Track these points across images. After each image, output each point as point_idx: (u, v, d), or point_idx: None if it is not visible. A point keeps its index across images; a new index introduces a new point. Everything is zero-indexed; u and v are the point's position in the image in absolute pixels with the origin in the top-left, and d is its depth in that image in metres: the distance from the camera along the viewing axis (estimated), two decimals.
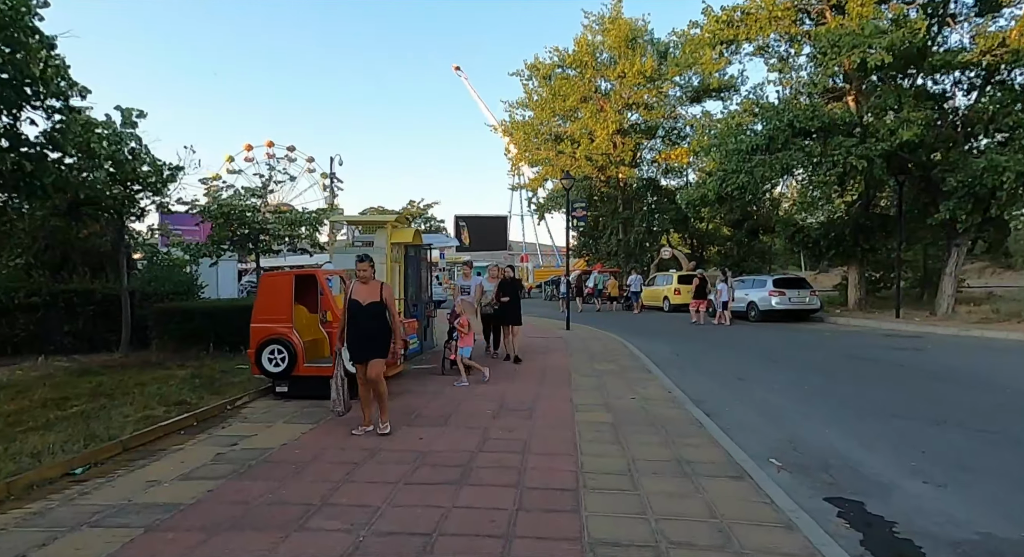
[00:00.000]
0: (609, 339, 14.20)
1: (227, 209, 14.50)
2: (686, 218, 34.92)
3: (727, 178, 16.51)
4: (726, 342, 14.14)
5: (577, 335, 15.06)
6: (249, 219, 14.86)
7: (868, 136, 14.51)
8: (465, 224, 45.13)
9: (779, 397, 7.85)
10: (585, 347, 12.61)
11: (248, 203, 15.31)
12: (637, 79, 29.93)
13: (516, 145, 37.51)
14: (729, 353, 12.19)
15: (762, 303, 18.56)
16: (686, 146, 31.67)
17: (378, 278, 9.44)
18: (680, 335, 15.89)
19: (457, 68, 59.65)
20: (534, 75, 33.72)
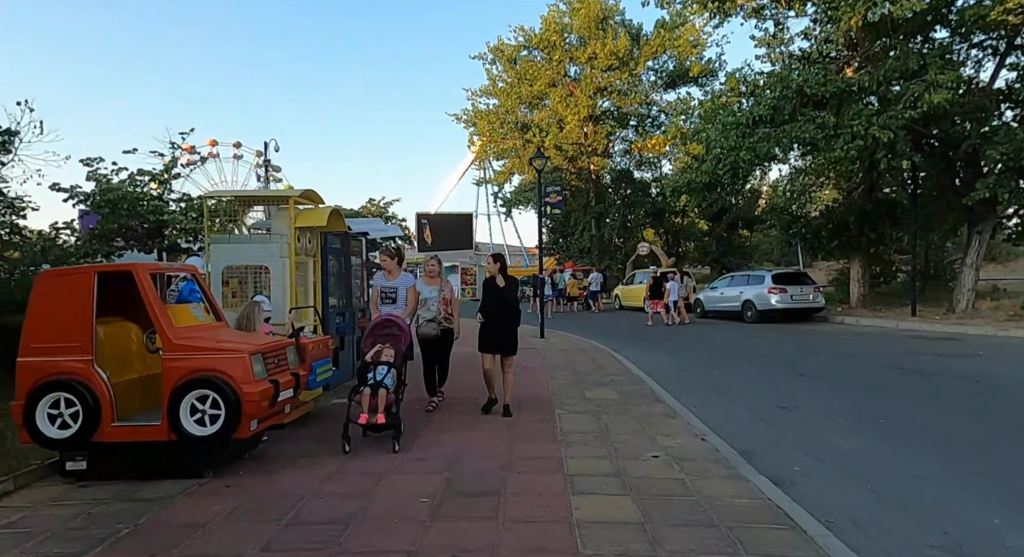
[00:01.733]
0: (595, 350, 11.65)
1: (114, 196, 11.43)
2: (662, 212, 32.90)
3: (725, 157, 14.19)
4: (731, 349, 11.75)
5: (555, 345, 12.46)
6: (144, 209, 11.80)
7: (889, 104, 12.38)
8: (427, 222, 42.14)
9: (856, 439, 5.38)
10: (569, 362, 10.01)
11: (143, 190, 12.24)
12: (609, 61, 27.62)
13: (480, 135, 34.85)
14: (744, 365, 9.76)
15: (760, 302, 16.33)
16: (661, 135, 29.55)
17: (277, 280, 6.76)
18: (671, 341, 13.47)
19: None
20: (498, 58, 31.12)
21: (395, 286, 6.12)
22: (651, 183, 33.65)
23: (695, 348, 12.20)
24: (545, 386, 7.83)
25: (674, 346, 12.57)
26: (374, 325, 5.54)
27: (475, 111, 34.28)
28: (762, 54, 19.65)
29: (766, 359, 10.38)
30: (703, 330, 15.68)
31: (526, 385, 7.85)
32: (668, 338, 14.14)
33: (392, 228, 9.01)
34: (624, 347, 12.12)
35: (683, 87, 30.55)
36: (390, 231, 9.16)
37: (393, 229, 8.95)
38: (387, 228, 9.16)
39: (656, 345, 12.75)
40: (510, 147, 31.55)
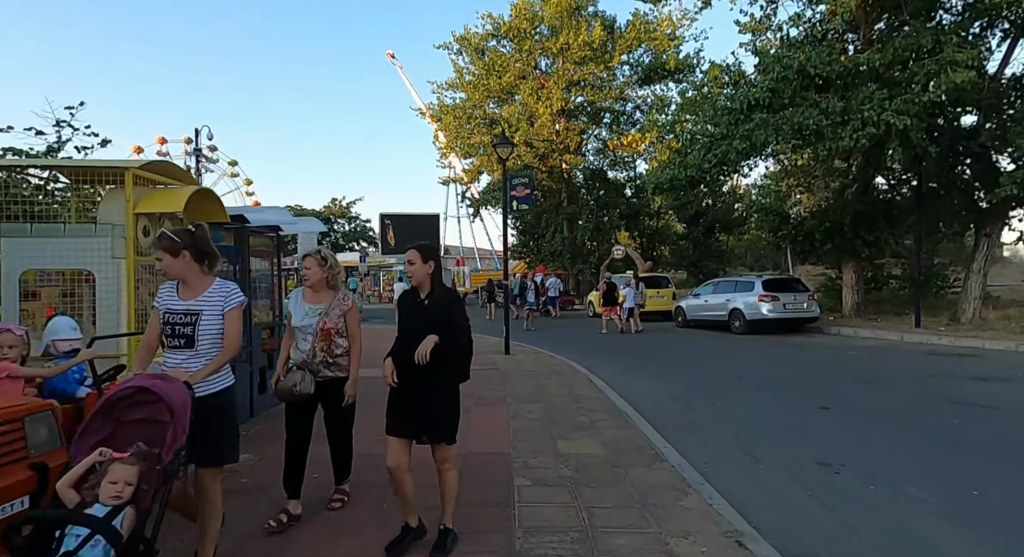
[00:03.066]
0: (568, 370, 9.75)
1: None
2: (637, 214, 31.43)
3: (714, 146, 12.52)
4: (725, 367, 10.01)
5: (520, 363, 10.54)
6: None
7: (899, 88, 10.88)
8: (391, 222, 39.82)
9: (960, 531, 3.60)
10: (537, 390, 8.08)
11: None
12: (583, 52, 25.97)
13: (446, 132, 32.83)
14: (749, 393, 8.01)
15: (750, 311, 14.73)
16: (638, 131, 28.02)
17: (106, 292, 4.56)
18: (653, 357, 11.71)
19: (392, 55, 53.35)
20: (464, 49, 29.21)
21: (195, 309, 2.83)
22: (626, 184, 32.17)
23: (683, 366, 10.43)
24: (503, 432, 5.89)
25: (658, 363, 10.79)
26: (105, 403, 2.47)
27: (441, 105, 32.31)
28: (747, 42, 18.25)
29: (773, 383, 8.65)
30: (687, 342, 13.99)
31: (479, 431, 5.89)
32: (648, 352, 12.37)
33: (311, 222, 6.93)
34: (601, 365, 10.28)
35: (659, 82, 29.20)
36: (309, 226, 7.12)
37: (312, 223, 6.87)
38: (305, 221, 7.12)
39: (637, 362, 10.95)
40: (477, 143, 29.60)
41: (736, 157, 12.61)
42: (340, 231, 57.17)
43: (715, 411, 6.91)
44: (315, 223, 7.32)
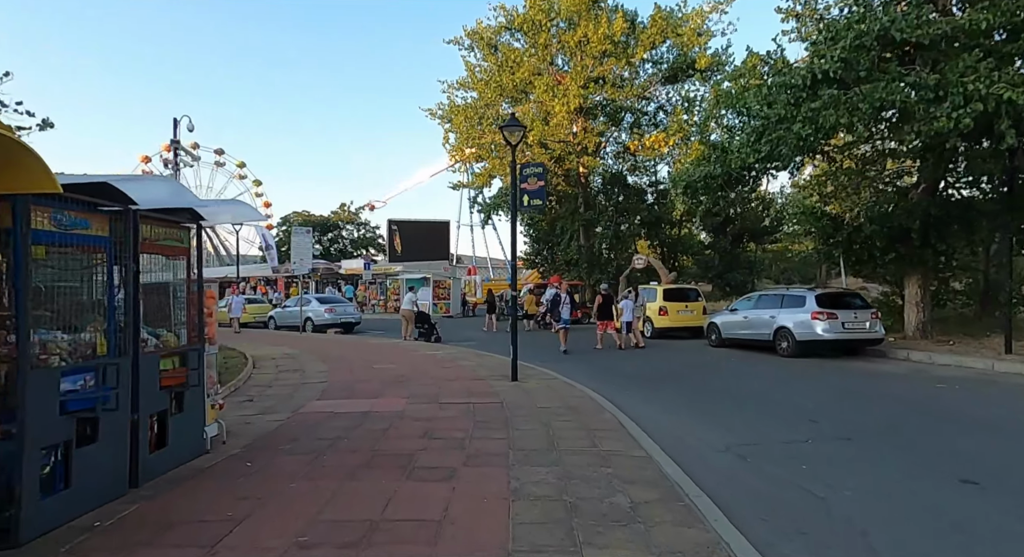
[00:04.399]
0: (588, 406, 7.66)
1: None
2: (658, 221, 29.33)
3: (769, 131, 10.46)
4: (787, 404, 7.85)
5: (530, 395, 8.47)
6: None
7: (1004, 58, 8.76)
8: (398, 228, 38.13)
9: None
10: (549, 441, 6.00)
11: None
12: (603, 45, 24.03)
13: (457, 133, 31.05)
14: (838, 448, 5.88)
15: (800, 330, 12.55)
16: (660, 132, 25.99)
17: None
18: (689, 386, 9.58)
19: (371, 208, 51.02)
20: (476, 44, 27.44)
21: None
22: (647, 189, 30.11)
23: (734, 401, 8.29)
24: (498, 531, 3.82)
25: (701, 396, 8.65)
26: None
27: (451, 106, 30.55)
28: (790, 29, 16.20)
29: (864, 432, 6.51)
30: (727, 366, 11.83)
31: (461, 526, 3.83)
32: (685, 380, 10.23)
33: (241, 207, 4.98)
34: (629, 397, 8.21)
35: (685, 81, 27.18)
36: (239, 212, 5.17)
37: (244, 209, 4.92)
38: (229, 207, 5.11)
39: (675, 394, 8.83)
40: (489, 142, 27.75)
41: (792, 147, 10.50)
42: (348, 237, 55.86)
43: (805, 482, 4.80)
44: (247, 209, 5.34)
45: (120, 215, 4.30)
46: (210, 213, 5.19)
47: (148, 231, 4.70)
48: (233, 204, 5.45)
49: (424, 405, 7.73)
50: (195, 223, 5.31)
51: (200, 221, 5.34)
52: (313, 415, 7.17)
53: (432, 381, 9.78)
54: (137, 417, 4.39)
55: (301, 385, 9.46)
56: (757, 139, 10.95)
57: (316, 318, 22.18)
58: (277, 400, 8.18)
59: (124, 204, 4.31)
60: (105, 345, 4.14)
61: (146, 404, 4.51)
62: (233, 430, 6.25)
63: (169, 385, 4.82)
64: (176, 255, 5.17)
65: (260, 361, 12.44)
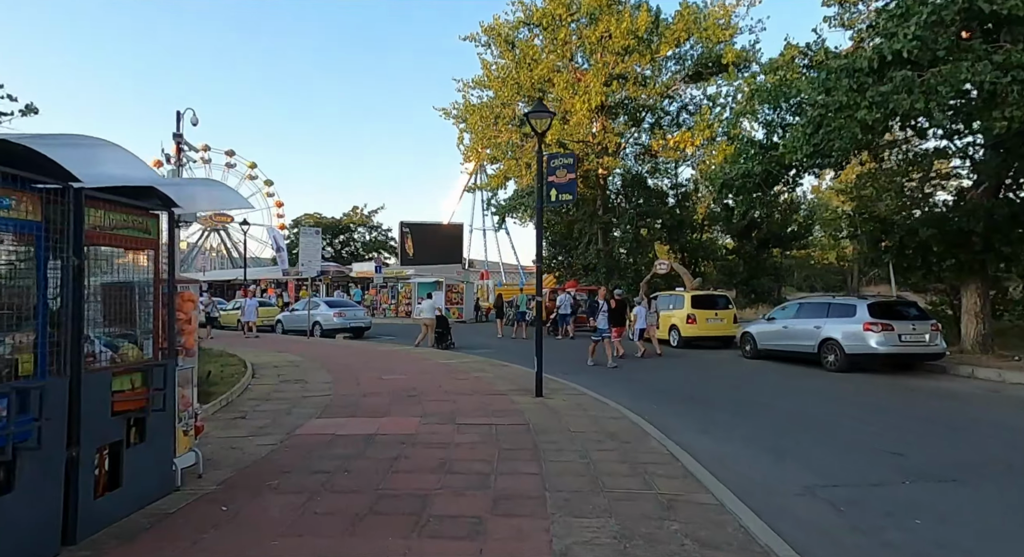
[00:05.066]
0: (628, 430, 6.60)
1: None
2: (680, 224, 28.19)
3: (828, 121, 9.37)
4: (857, 431, 6.74)
5: (558, 414, 7.43)
6: None
7: None
8: (410, 231, 37.30)
9: None
10: (592, 478, 4.96)
11: None
12: (626, 40, 23.04)
13: (471, 133, 30.20)
14: (947, 494, 4.80)
15: (851, 342, 11.41)
16: (686, 131, 24.93)
17: None
18: (735, 405, 8.48)
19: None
20: (493, 40, 26.57)
21: None
22: (668, 192, 29.03)
23: (790, 424, 7.18)
24: None
25: (751, 417, 7.55)
26: None
27: (466, 105, 29.71)
28: (832, 15, 15.13)
29: (973, 473, 5.40)
30: (769, 381, 10.71)
31: None
32: (727, 397, 9.13)
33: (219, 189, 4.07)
34: (671, 419, 7.16)
35: (710, 79, 26.09)
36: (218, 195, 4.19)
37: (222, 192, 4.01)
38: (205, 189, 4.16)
39: (725, 416, 7.74)
40: (506, 142, 26.84)
41: (848, 140, 9.40)
42: (360, 240, 55.14)
43: (933, 548, 3.72)
44: (226, 193, 4.33)
45: (58, 195, 3.35)
46: (182, 196, 4.23)
47: (101, 218, 3.76)
48: (209, 185, 4.45)
49: (439, 426, 6.73)
50: (166, 209, 4.37)
51: (173, 208, 4.39)
52: (311, 438, 6.19)
53: (446, 396, 8.79)
54: (77, 453, 3.43)
55: (301, 399, 8.50)
56: (814, 130, 9.84)
57: (325, 322, 21.31)
58: (272, 417, 7.22)
59: (64, 180, 3.37)
60: (32, 362, 3.19)
61: (91, 435, 3.55)
62: (215, 458, 5.29)
63: (125, 410, 3.86)
64: (141, 248, 4.22)
65: (260, 369, 11.53)
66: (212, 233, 64.75)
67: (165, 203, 4.34)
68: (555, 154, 9.72)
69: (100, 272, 3.92)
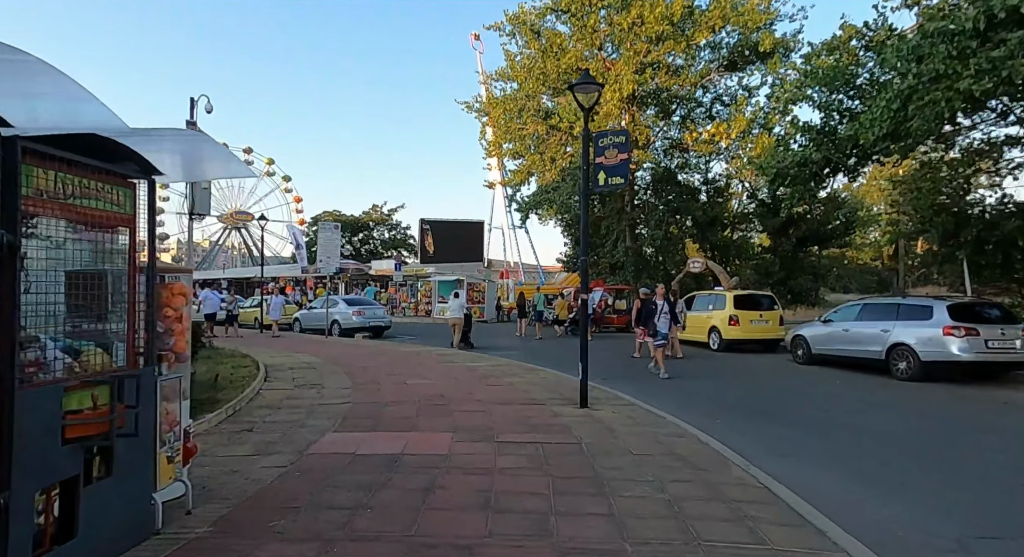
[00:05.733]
0: (698, 452, 5.53)
1: None
2: (713, 222, 26.91)
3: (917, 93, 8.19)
4: (978, 458, 5.61)
5: (610, 429, 6.38)
6: None
7: None
8: (430, 228, 36.47)
9: None
10: (681, 526, 3.93)
11: None
12: (660, 26, 21.85)
13: (495, 127, 29.28)
14: None
15: (927, 348, 10.19)
16: (722, 123, 23.69)
17: None
18: (811, 419, 7.34)
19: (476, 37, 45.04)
20: (518, 29, 25.58)
21: None
22: (701, 187, 27.76)
23: (890, 448, 6.06)
24: None
25: (839, 439, 6.42)
26: None
27: (489, 98, 28.80)
28: None
29: None
30: (835, 390, 9.53)
31: None
32: (795, 408, 7.99)
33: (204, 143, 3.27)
34: (742, 437, 6.07)
35: (745, 69, 24.83)
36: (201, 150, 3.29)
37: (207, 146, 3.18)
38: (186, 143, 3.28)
39: (798, 432, 6.63)
40: (531, 134, 25.85)
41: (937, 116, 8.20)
42: (379, 238, 54.56)
43: None
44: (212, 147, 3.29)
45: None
46: (154, 152, 3.27)
47: (51, 182, 2.83)
48: (194, 141, 3.38)
49: (475, 444, 5.74)
50: (146, 177, 3.44)
51: (154, 175, 3.46)
52: (326, 459, 5.25)
53: (479, 405, 7.81)
54: (5, 499, 2.50)
55: (317, 407, 7.59)
56: (901, 105, 8.65)
57: (343, 321, 20.50)
58: (283, 431, 6.29)
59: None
60: None
61: (29, 473, 2.63)
62: (210, 486, 4.37)
63: (82, 436, 2.93)
64: (111, 226, 3.29)
65: (274, 372, 10.67)
66: (233, 231, 64.83)
67: (143, 168, 3.41)
68: (604, 131, 8.65)
69: (56, 255, 3.00)
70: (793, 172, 11.75)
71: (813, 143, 11.75)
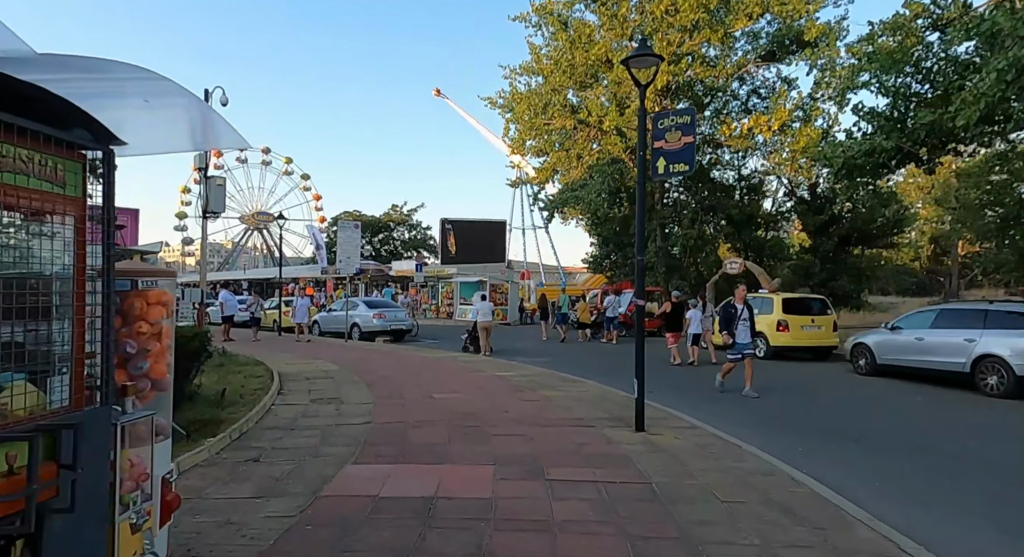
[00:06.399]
0: (801, 497, 4.46)
1: None
2: (749, 220, 25.58)
3: None
4: None
5: (680, 461, 5.32)
6: None
7: None
8: (452, 228, 35.63)
9: None
10: None
11: None
12: (695, 14, 20.66)
13: (517, 123, 28.27)
14: None
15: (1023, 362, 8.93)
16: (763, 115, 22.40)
17: None
18: (921, 448, 6.20)
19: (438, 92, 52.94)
20: (545, 20, 24.55)
21: None
22: (735, 185, 26.45)
23: None
24: None
25: (980, 479, 5.28)
26: None
27: (513, 93, 27.80)
28: None
29: None
30: (926, 408, 8.34)
31: None
32: (892, 433, 6.84)
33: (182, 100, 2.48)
34: (842, 473, 5.00)
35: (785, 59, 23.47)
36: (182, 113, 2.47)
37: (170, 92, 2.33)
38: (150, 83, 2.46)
39: (914, 468, 5.50)
40: (558, 128, 24.82)
41: None
42: (399, 239, 53.92)
43: None
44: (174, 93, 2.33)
45: None
46: (119, 113, 2.34)
47: None
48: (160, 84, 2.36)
49: (522, 483, 4.74)
50: (101, 146, 2.50)
51: (112, 143, 2.52)
52: (343, 503, 4.29)
53: (517, 425, 6.82)
54: None
55: (334, 428, 6.66)
56: (1016, 76, 7.45)
57: (364, 324, 19.68)
58: (295, 461, 5.36)
59: None
60: None
61: None
62: (197, 548, 3.44)
63: None
64: (48, 213, 2.36)
65: (289, 382, 9.80)
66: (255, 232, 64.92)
67: (99, 138, 2.47)
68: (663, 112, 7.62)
69: None
70: (860, 162, 10.56)
71: (881, 131, 10.55)
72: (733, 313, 9.19)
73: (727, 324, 9.15)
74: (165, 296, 3.31)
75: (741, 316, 9.20)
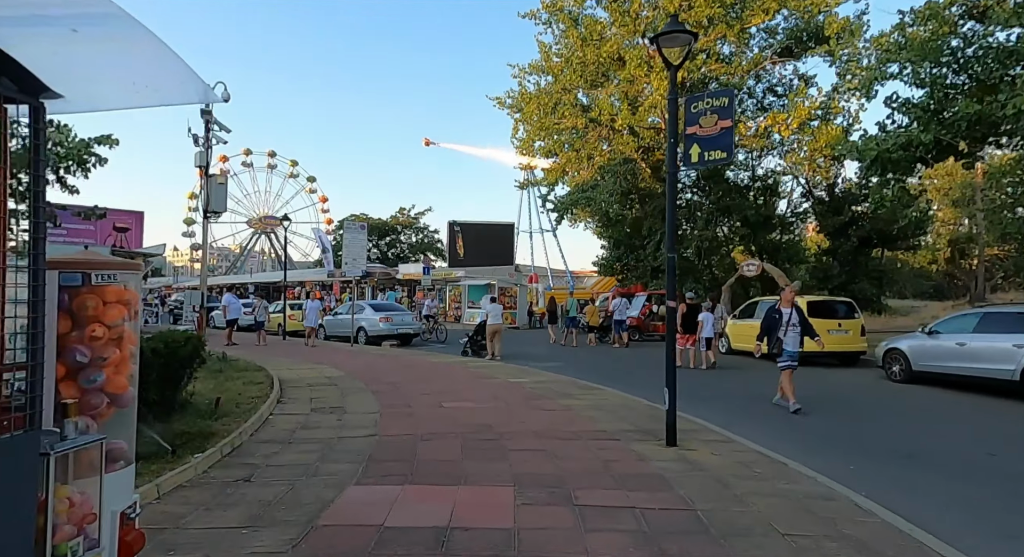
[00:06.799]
0: (873, 530, 3.83)
1: None
2: (766, 221, 24.87)
3: None
4: None
5: (720, 483, 4.71)
6: None
7: None
8: (460, 230, 35.09)
9: None
10: None
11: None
12: (710, 9, 20.06)
13: (526, 123, 27.74)
14: None
15: None
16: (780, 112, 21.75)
17: None
18: (1001, 472, 5.55)
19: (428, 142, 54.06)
20: (555, 17, 24.03)
21: None
22: (750, 185, 25.77)
23: None
24: None
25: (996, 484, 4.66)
26: None
27: (522, 92, 27.27)
28: None
29: None
30: (965, 416, 7.67)
31: None
32: (956, 453, 6.18)
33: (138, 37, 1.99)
34: (900, 494, 4.37)
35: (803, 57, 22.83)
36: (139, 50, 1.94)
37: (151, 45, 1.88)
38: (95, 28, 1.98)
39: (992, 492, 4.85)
40: (567, 129, 24.26)
41: None
42: (406, 242, 53.47)
43: None
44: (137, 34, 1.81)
45: None
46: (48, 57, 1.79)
47: None
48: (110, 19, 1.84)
49: (547, 510, 4.14)
50: (27, 98, 1.94)
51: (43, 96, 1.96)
52: (343, 535, 3.70)
53: (537, 439, 6.22)
54: None
55: (336, 442, 6.08)
56: None
57: (370, 328, 19.14)
58: (290, 481, 4.78)
59: None
60: None
61: None
62: None
63: None
64: None
65: (290, 389, 9.23)
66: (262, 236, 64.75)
67: (21, 84, 1.91)
68: (696, 95, 7.03)
69: None
70: (895, 155, 9.93)
71: (919, 122, 9.93)
72: (777, 318, 8.26)
73: (769, 331, 8.30)
74: (127, 293, 2.75)
75: (791, 321, 8.20)
